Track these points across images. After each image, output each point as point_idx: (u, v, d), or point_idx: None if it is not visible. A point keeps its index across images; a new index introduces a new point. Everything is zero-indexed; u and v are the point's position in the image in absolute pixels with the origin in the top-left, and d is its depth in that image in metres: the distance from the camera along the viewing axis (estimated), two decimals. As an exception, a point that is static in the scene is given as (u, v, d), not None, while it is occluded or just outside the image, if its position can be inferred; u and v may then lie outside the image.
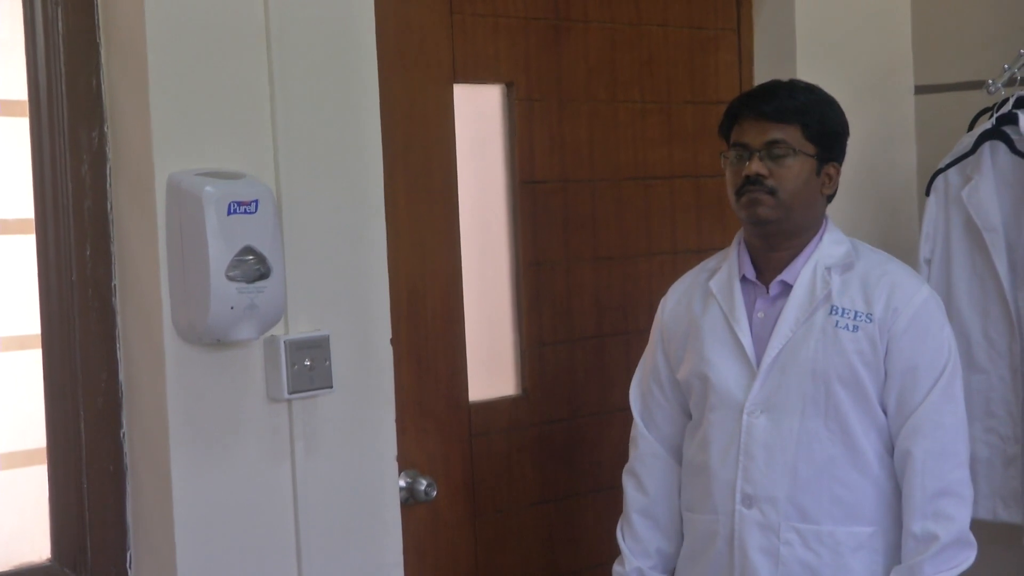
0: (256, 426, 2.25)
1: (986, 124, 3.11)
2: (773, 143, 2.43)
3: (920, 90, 3.47)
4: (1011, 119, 3.05)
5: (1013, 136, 3.04)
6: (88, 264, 2.18)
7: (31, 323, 2.19)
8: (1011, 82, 3.13)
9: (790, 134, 2.44)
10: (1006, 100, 3.10)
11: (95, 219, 2.19)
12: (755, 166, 2.42)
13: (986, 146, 3.07)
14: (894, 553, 2.44)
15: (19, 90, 2.18)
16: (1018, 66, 3.12)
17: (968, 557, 2.41)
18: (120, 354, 2.21)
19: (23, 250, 2.19)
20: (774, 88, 2.51)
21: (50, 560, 2.19)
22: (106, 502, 2.20)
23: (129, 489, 2.22)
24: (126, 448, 2.22)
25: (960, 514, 2.41)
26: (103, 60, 2.19)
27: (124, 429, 2.22)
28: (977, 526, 2.48)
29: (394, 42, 2.59)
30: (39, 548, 2.20)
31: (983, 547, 2.47)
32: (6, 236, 2.21)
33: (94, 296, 2.19)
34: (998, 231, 3.07)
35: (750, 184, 2.43)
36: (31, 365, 2.21)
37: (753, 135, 2.45)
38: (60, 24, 2.15)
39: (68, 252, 2.17)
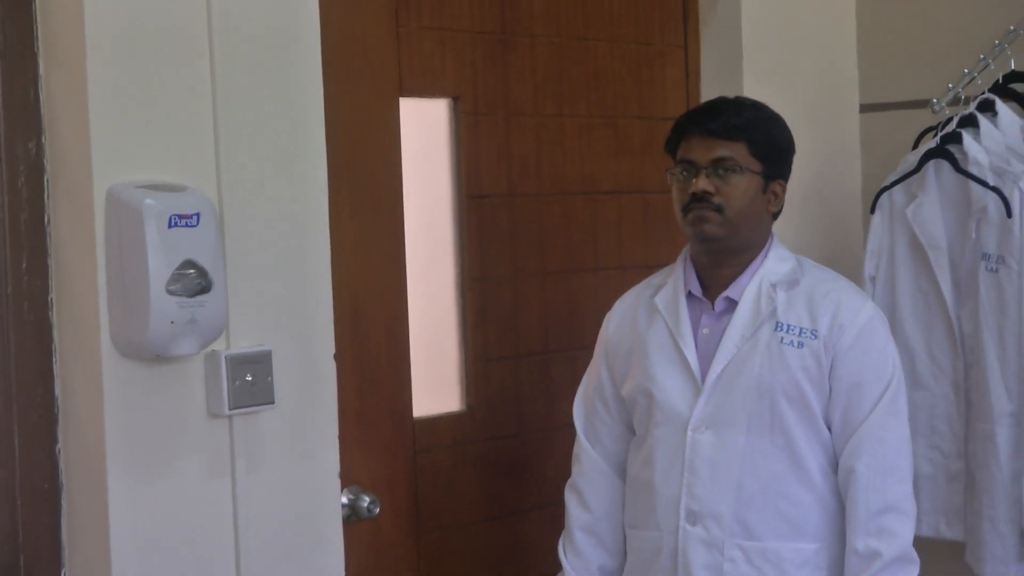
0: (196, 442, 2.23)
1: (931, 143, 3.14)
2: (719, 160, 2.45)
3: (865, 108, 3.50)
4: (955, 138, 3.08)
5: (957, 155, 3.07)
6: (24, 278, 2.15)
7: (-35, 337, 2.17)
8: (955, 101, 3.16)
9: (736, 151, 2.45)
10: (950, 119, 3.13)
11: (31, 232, 2.16)
12: (702, 183, 2.44)
13: (931, 164, 3.11)
14: (838, 570, 2.46)
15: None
16: (962, 85, 3.16)
17: (911, 573, 2.43)
18: (56, 369, 2.18)
19: (-43, 262, 2.17)
20: (720, 105, 2.53)
21: (-18, 579, 2.16)
22: (40, 520, 2.17)
23: (64, 507, 2.19)
24: (61, 465, 2.19)
25: (903, 530, 2.43)
26: (41, 71, 2.16)
27: (60, 445, 2.19)
28: (920, 543, 2.50)
29: (339, 54, 2.58)
30: (-29, 567, 2.17)
31: (926, 564, 2.49)
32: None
33: (30, 310, 2.16)
34: (942, 249, 3.10)
35: (696, 201, 2.44)
36: (-35, 379, 2.18)
37: (700, 152, 2.46)
38: (-3, 33, 2.13)
39: (3, 265, 2.14)
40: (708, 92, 3.23)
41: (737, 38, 3.24)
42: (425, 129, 2.83)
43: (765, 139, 2.49)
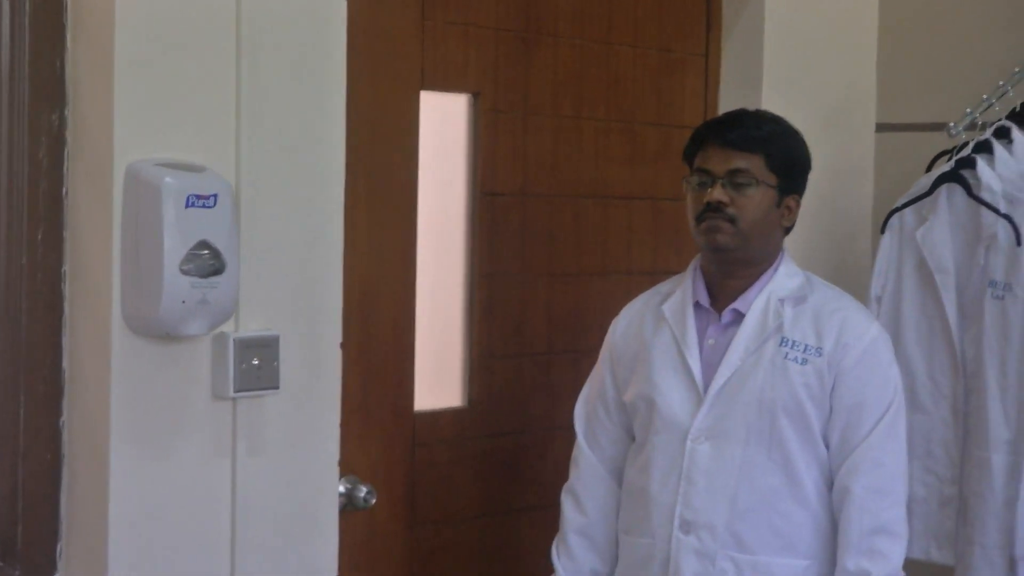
0: (199, 423, 2.24)
1: (945, 166, 3.15)
2: (736, 171, 2.46)
3: (881, 128, 3.51)
4: (969, 163, 3.09)
5: (970, 180, 3.08)
6: (39, 249, 2.16)
7: (-22, 304, 2.18)
8: (972, 126, 3.18)
9: (753, 163, 2.47)
10: (966, 144, 3.14)
11: (49, 203, 2.17)
12: (717, 193, 2.45)
13: (943, 188, 3.12)
14: (827, 587, 2.47)
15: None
16: (980, 111, 3.17)
17: (900, 596, 2.45)
18: (65, 341, 2.19)
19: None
20: (740, 117, 2.54)
21: (-21, 547, 2.17)
22: (40, 491, 2.18)
23: (65, 479, 2.20)
24: (65, 437, 2.20)
25: (894, 552, 2.44)
26: (69, 43, 2.17)
27: (64, 417, 2.20)
28: (910, 565, 2.52)
29: (364, 44, 2.59)
30: (-31, 534, 2.18)
31: (915, 587, 2.51)
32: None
33: (42, 281, 2.17)
34: (949, 273, 3.11)
35: (711, 211, 2.46)
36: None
37: (716, 162, 2.47)
38: (27, 4, 2.14)
39: (20, 235, 2.15)
40: (726, 102, 3.24)
41: (759, 50, 3.25)
42: (444, 123, 2.84)
43: (783, 153, 2.50)
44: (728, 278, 2.52)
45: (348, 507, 2.59)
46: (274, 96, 2.30)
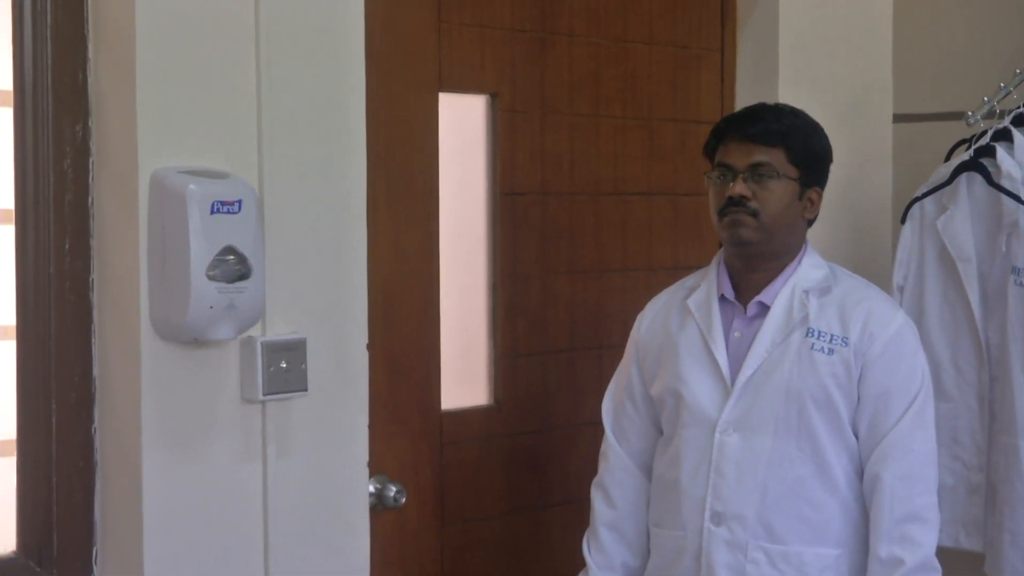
0: (229, 426, 2.25)
1: (964, 155, 3.14)
2: (757, 165, 2.46)
3: (899, 118, 3.50)
4: (989, 151, 3.08)
5: (990, 168, 3.07)
6: (66, 258, 2.17)
7: (6, 313, 2.18)
8: (990, 115, 3.16)
9: (774, 157, 2.46)
10: (984, 132, 3.13)
11: (75, 213, 2.18)
12: (739, 188, 2.45)
13: (963, 177, 3.11)
14: (859, 576, 2.46)
15: (4, 79, 2.17)
16: (998, 99, 3.16)
17: (932, 582, 2.44)
18: (95, 349, 2.20)
19: (3, 240, 2.18)
20: (760, 111, 2.53)
21: (15, 553, 2.17)
22: (74, 497, 2.19)
23: (98, 485, 2.21)
24: (97, 444, 2.21)
25: (926, 540, 2.43)
26: (91, 54, 2.18)
27: (96, 424, 2.21)
28: (939, 553, 2.50)
29: (382, 47, 2.60)
30: (5, 541, 2.18)
31: (946, 573, 2.49)
32: (-12, 225, 2.21)
33: (71, 290, 2.18)
34: (971, 261, 3.10)
35: (733, 205, 2.45)
36: (2, 355, 2.20)
37: (738, 156, 2.47)
38: (49, 16, 2.15)
39: (47, 245, 2.16)
40: (743, 97, 3.24)
41: (774, 44, 3.25)
42: (463, 125, 2.85)
43: (803, 146, 2.49)
44: (752, 271, 2.52)
45: (378, 506, 2.60)
46: (295, 101, 2.31)
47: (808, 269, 2.52)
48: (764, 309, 2.50)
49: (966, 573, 3.14)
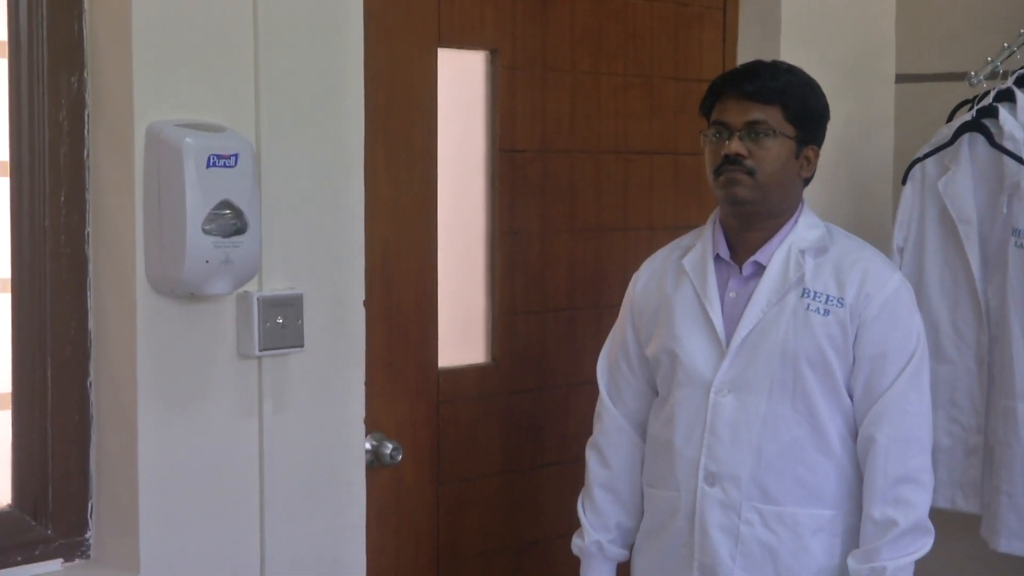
0: (225, 382, 2.26)
1: (966, 116, 3.13)
2: (753, 123, 2.45)
3: (901, 79, 3.50)
4: (991, 112, 3.07)
5: (992, 129, 3.07)
6: (62, 211, 2.17)
7: (4, 266, 2.19)
8: (993, 75, 3.15)
9: (771, 115, 2.45)
10: (987, 93, 3.12)
11: (71, 166, 2.18)
12: (735, 146, 2.44)
13: (965, 138, 3.10)
14: (853, 537, 2.48)
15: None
16: (1001, 59, 3.15)
17: (925, 544, 2.45)
18: (90, 303, 2.21)
19: (-2, 192, 2.19)
20: (756, 68, 2.52)
21: (11, 506, 2.19)
22: (70, 452, 2.20)
23: (94, 440, 2.22)
24: (92, 398, 2.22)
25: (920, 501, 2.44)
26: (86, 5, 2.17)
27: (91, 379, 2.22)
28: (935, 514, 2.52)
29: (380, 3, 2.59)
30: (1, 494, 2.19)
31: (940, 536, 2.51)
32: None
33: (66, 243, 2.18)
34: (972, 223, 3.10)
35: (729, 163, 2.45)
36: (2, 309, 2.20)
37: (734, 114, 2.46)
38: (44, -33, 2.14)
39: (42, 198, 2.16)
40: (744, 55, 3.23)
41: (776, 2, 3.23)
42: (462, 81, 2.84)
43: (800, 104, 2.49)
44: (748, 231, 2.52)
45: (375, 463, 2.61)
46: (292, 55, 2.31)
47: (804, 229, 2.51)
48: (760, 269, 2.50)
49: (962, 535, 3.17)
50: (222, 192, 2.13)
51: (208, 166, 2.11)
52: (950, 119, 3.24)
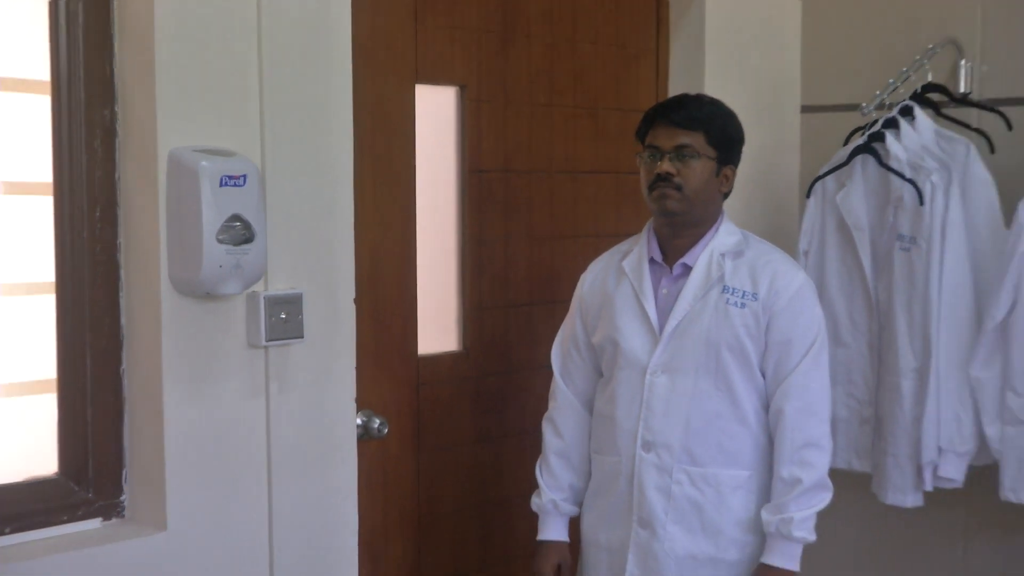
0: (237, 367, 2.26)
1: (859, 140, 3.17)
2: (681, 147, 2.48)
3: (806, 109, 3.53)
4: (879, 137, 3.11)
5: (881, 151, 3.10)
6: (97, 225, 2.18)
7: (46, 272, 2.19)
8: (881, 106, 3.19)
9: (695, 139, 2.48)
10: (876, 121, 3.16)
11: (104, 186, 2.18)
12: (665, 165, 2.47)
13: (858, 159, 3.14)
14: (765, 493, 2.51)
15: (41, 71, 2.17)
16: (887, 93, 3.19)
17: (825, 498, 2.48)
18: (123, 303, 2.21)
19: (43, 209, 2.19)
20: (684, 100, 2.55)
21: (57, 474, 2.19)
22: (106, 427, 2.21)
23: (126, 418, 2.23)
24: (125, 383, 2.22)
25: (820, 462, 2.47)
26: (116, 50, 2.18)
27: (124, 366, 2.22)
28: (834, 474, 2.55)
29: (366, 45, 2.60)
30: (49, 464, 2.20)
31: (839, 491, 2.54)
32: (29, 196, 2.20)
33: (102, 252, 2.18)
34: (864, 230, 3.13)
35: (660, 181, 2.47)
36: (44, 308, 2.20)
37: (664, 139, 2.49)
38: (80, 17, 2.14)
39: (81, 214, 2.16)
40: (675, 89, 3.25)
41: (701, 45, 3.25)
42: (436, 112, 2.84)
43: (720, 131, 2.51)
44: (677, 237, 2.54)
45: (365, 436, 2.61)
46: (291, 90, 2.31)
47: (724, 236, 2.54)
48: (687, 270, 2.53)
49: (856, 490, 3.20)
50: (233, 207, 2.14)
51: (221, 185, 2.12)
52: (846, 143, 3.27)
